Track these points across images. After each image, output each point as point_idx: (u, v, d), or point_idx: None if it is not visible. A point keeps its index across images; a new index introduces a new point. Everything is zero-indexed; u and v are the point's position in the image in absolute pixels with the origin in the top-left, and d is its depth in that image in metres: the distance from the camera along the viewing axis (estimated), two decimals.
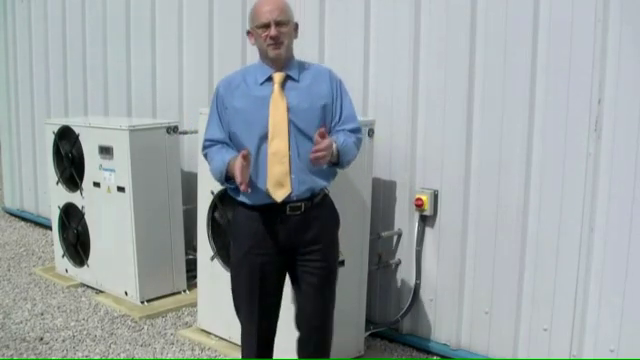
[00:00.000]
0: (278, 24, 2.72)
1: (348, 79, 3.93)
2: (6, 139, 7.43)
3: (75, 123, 5.01)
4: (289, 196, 2.72)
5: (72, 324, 4.33)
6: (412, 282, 3.89)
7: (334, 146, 2.68)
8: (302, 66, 2.85)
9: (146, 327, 4.29)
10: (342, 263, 3.50)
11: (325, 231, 2.85)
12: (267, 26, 2.72)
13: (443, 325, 3.83)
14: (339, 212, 3.01)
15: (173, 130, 4.66)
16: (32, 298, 4.81)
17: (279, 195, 2.72)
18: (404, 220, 3.91)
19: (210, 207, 3.98)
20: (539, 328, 3.42)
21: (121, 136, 4.49)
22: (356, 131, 2.85)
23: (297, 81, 2.79)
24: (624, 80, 3.03)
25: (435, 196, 3.75)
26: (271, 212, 2.77)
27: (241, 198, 2.82)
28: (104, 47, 5.90)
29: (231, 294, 3.02)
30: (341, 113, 2.82)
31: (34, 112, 6.84)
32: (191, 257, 4.82)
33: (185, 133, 4.80)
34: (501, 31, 3.40)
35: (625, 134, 3.05)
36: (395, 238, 3.97)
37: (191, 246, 4.86)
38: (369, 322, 3.94)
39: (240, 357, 3.83)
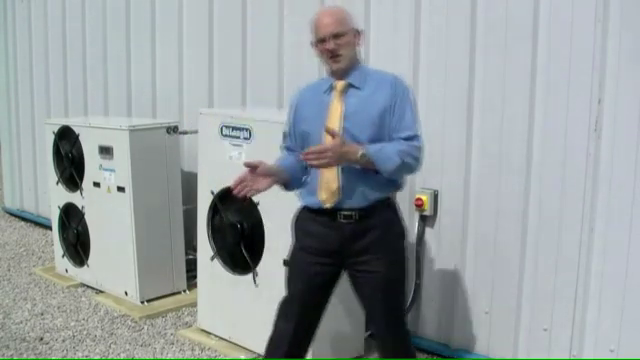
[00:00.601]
0: (335, 36, 2.73)
1: None
2: (6, 139, 7.42)
3: (75, 123, 5.01)
4: (339, 203, 2.75)
5: (72, 324, 4.33)
6: (412, 282, 3.89)
7: (359, 152, 2.63)
8: (367, 73, 2.83)
9: (146, 327, 4.29)
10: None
11: (381, 241, 2.79)
12: (325, 40, 2.74)
13: (443, 325, 3.83)
14: None
15: (173, 130, 4.66)
16: (32, 298, 4.81)
17: (327, 201, 2.76)
18: (404, 220, 3.90)
19: (210, 207, 3.98)
20: (539, 328, 3.42)
21: (121, 136, 4.49)
22: (410, 139, 2.72)
23: (359, 89, 2.79)
24: (624, 80, 3.03)
25: (435, 196, 3.75)
26: (325, 217, 2.80)
27: (302, 200, 2.89)
28: (104, 47, 5.90)
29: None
30: (398, 121, 2.74)
31: (34, 112, 6.83)
32: (191, 257, 4.82)
33: (185, 133, 4.80)
34: (501, 31, 3.41)
35: (625, 134, 3.05)
36: None
37: (191, 246, 4.86)
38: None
39: (239, 357, 3.85)
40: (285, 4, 4.41)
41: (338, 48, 2.73)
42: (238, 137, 3.75)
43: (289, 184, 2.90)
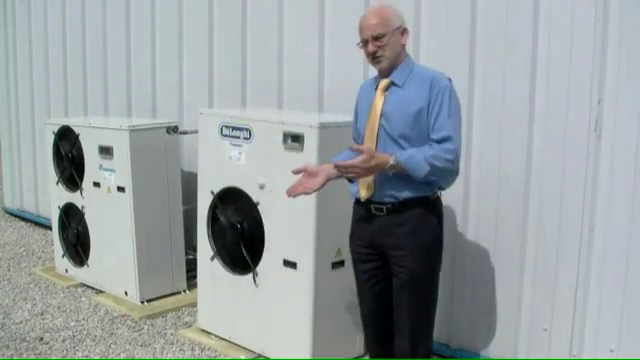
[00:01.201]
0: (375, 39, 2.78)
1: (347, 79, 3.95)
2: (6, 139, 7.42)
3: (75, 123, 5.01)
4: (373, 196, 2.85)
5: (72, 324, 4.33)
6: None
7: (389, 164, 2.69)
8: (412, 71, 2.85)
9: (146, 327, 4.29)
10: (341, 264, 3.51)
11: (411, 238, 2.82)
12: (367, 42, 2.81)
13: (443, 325, 3.82)
14: (344, 213, 3.04)
15: (173, 130, 4.66)
16: (32, 298, 4.81)
17: (362, 194, 2.88)
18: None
19: (210, 207, 3.98)
20: (539, 328, 3.42)
21: (121, 136, 4.49)
22: (442, 141, 2.72)
23: (400, 87, 2.83)
24: (624, 80, 3.03)
25: None
26: (363, 207, 2.94)
27: (350, 190, 3.00)
28: (104, 47, 5.90)
29: None
30: (435, 121, 2.75)
31: (34, 112, 6.83)
32: (191, 257, 4.82)
33: (185, 133, 4.80)
34: (501, 31, 3.41)
35: (625, 134, 3.05)
36: None
37: (191, 246, 4.86)
38: None
39: (239, 357, 3.85)
40: (285, 4, 4.41)
41: (378, 50, 2.79)
42: (238, 137, 3.75)
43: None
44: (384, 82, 2.86)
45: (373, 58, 2.83)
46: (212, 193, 3.94)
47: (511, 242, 3.48)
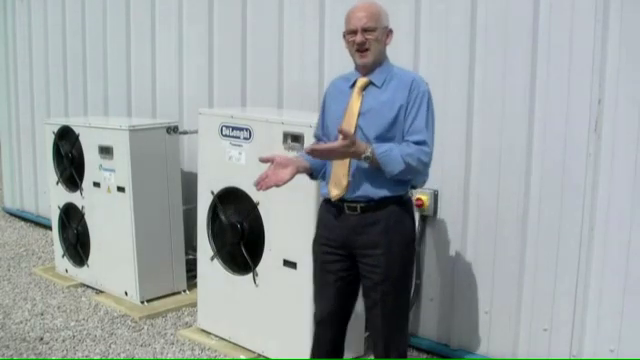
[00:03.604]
0: (365, 30, 2.75)
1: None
2: (6, 139, 7.42)
3: (75, 123, 5.01)
4: (346, 195, 2.80)
5: (72, 324, 4.33)
6: (412, 282, 3.88)
7: (365, 153, 2.65)
8: (391, 73, 2.83)
9: (146, 327, 4.29)
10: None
11: (385, 237, 2.79)
12: (355, 32, 2.76)
13: (443, 325, 3.83)
14: None
15: (173, 130, 4.66)
16: (32, 298, 4.81)
17: (334, 194, 2.82)
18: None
19: (210, 207, 3.98)
20: (539, 328, 3.42)
21: (121, 136, 4.49)
22: (420, 143, 2.71)
23: (379, 88, 2.80)
24: (624, 80, 3.03)
25: (435, 196, 3.75)
26: (335, 207, 2.87)
27: (320, 190, 2.97)
28: (104, 47, 5.89)
29: None
30: (411, 123, 2.74)
31: (34, 112, 6.83)
32: (191, 257, 4.82)
33: (185, 133, 4.80)
34: (501, 31, 3.41)
35: (625, 134, 3.05)
36: None
37: (191, 246, 4.86)
38: None
39: (239, 357, 3.85)
40: (285, 4, 4.41)
41: (366, 42, 2.76)
42: (238, 137, 3.75)
43: (312, 173, 2.94)
44: (362, 81, 2.82)
45: (360, 50, 2.77)
46: (212, 193, 3.94)
47: (511, 242, 3.48)
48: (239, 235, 3.80)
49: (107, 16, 5.82)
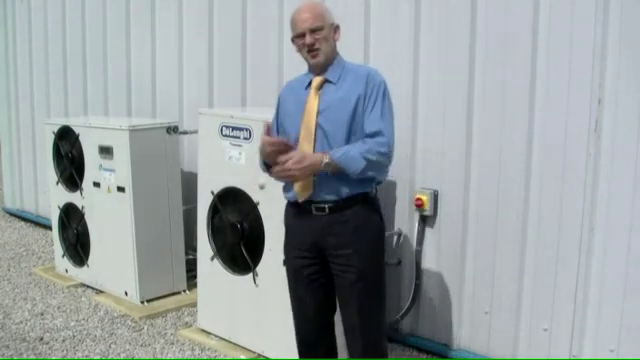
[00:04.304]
0: (313, 31, 2.77)
1: None
2: (6, 139, 7.42)
3: (75, 123, 5.01)
4: (312, 196, 2.78)
5: (72, 324, 4.33)
6: (412, 282, 3.89)
7: (323, 162, 2.65)
8: (345, 68, 2.84)
9: (146, 327, 4.29)
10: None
11: (356, 236, 2.79)
12: (303, 35, 2.79)
13: (443, 325, 3.82)
14: None
15: (173, 130, 4.66)
16: (32, 298, 4.81)
17: (301, 196, 2.80)
18: (404, 220, 3.91)
19: (210, 207, 3.98)
20: (539, 328, 3.42)
21: (121, 136, 4.49)
22: (374, 135, 2.71)
23: (335, 84, 2.80)
24: (624, 80, 3.03)
25: (435, 196, 3.75)
26: (302, 210, 2.85)
27: (284, 194, 2.93)
28: (104, 47, 5.90)
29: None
30: (369, 115, 2.75)
31: (34, 112, 6.84)
32: (191, 257, 4.82)
33: (185, 133, 4.80)
34: (501, 31, 3.41)
35: (625, 134, 3.05)
36: (395, 238, 3.96)
37: (191, 246, 4.86)
38: None
39: (239, 357, 3.85)
40: (285, 4, 4.41)
41: (316, 42, 2.78)
42: (238, 137, 3.75)
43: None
44: (318, 80, 2.82)
45: (310, 51, 2.79)
46: (212, 193, 3.94)
47: (511, 242, 3.48)
48: (239, 235, 3.80)
49: (107, 16, 5.82)
